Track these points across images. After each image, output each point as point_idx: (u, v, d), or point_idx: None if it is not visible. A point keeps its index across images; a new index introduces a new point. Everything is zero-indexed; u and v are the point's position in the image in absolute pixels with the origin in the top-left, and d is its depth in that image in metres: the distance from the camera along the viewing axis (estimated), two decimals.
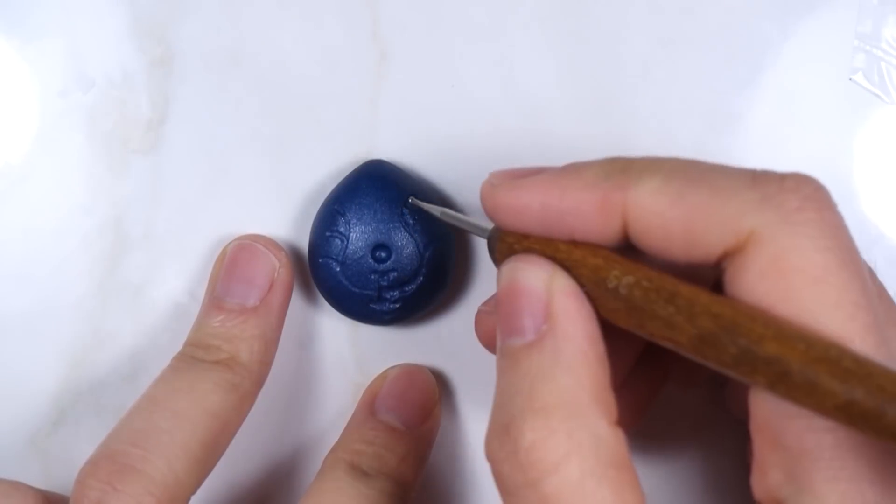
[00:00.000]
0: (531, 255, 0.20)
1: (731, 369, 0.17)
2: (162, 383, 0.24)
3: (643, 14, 0.28)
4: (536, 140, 0.28)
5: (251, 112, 0.28)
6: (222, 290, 0.26)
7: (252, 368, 0.25)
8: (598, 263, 0.19)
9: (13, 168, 0.28)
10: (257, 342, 0.25)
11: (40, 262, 0.28)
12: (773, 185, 0.17)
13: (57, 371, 0.29)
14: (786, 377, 0.16)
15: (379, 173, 0.27)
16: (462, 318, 0.29)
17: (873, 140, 0.28)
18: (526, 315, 0.19)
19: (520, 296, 0.19)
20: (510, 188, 0.20)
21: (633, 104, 0.28)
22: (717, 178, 0.18)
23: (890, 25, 0.28)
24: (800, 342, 0.16)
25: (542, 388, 0.18)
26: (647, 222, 0.18)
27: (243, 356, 0.25)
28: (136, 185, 0.28)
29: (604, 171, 0.19)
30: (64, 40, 0.28)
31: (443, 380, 0.29)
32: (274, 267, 0.26)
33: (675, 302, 0.18)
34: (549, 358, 0.18)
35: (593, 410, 0.18)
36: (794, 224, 0.17)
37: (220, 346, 0.25)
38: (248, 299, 0.26)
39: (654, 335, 0.18)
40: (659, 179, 0.18)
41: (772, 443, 0.18)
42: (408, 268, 0.26)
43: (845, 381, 0.15)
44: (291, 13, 0.28)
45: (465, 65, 0.28)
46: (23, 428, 0.29)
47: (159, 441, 0.22)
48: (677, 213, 0.18)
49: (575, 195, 0.19)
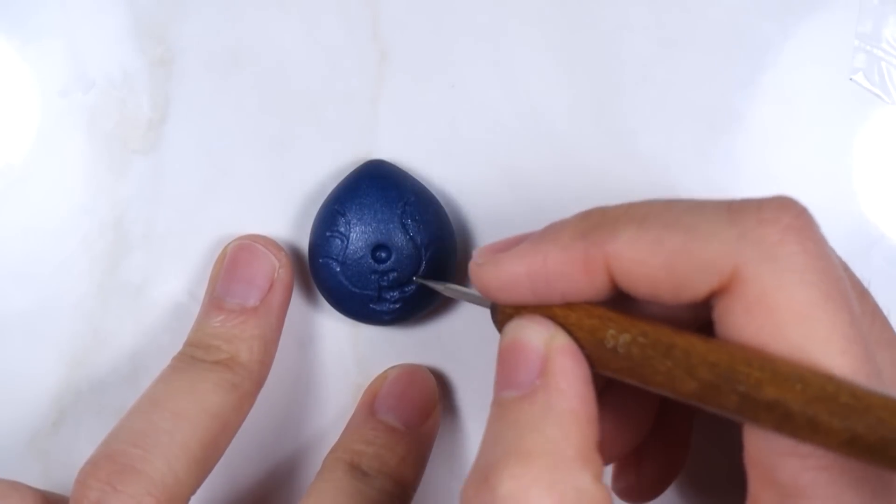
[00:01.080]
0: (534, 315, 0.20)
1: (736, 415, 0.17)
2: (162, 383, 0.24)
3: (643, 14, 0.28)
4: (536, 140, 0.28)
5: (251, 112, 0.28)
6: (222, 290, 0.26)
7: (252, 368, 0.25)
8: (594, 324, 0.19)
9: (13, 168, 0.28)
10: (257, 342, 0.25)
11: (40, 262, 0.28)
12: (750, 218, 0.17)
13: (57, 371, 0.29)
14: (788, 419, 0.16)
15: (379, 173, 0.27)
16: (462, 318, 0.29)
17: (873, 140, 0.28)
18: (522, 370, 0.19)
19: (518, 352, 0.19)
20: (495, 264, 0.20)
21: (633, 104, 0.28)
22: (693, 220, 0.18)
23: (890, 25, 0.28)
24: (796, 383, 0.16)
25: (527, 437, 0.18)
26: (630, 273, 0.18)
27: (243, 356, 0.25)
28: (137, 185, 0.28)
29: (579, 229, 0.19)
30: (64, 40, 0.28)
31: (443, 380, 0.29)
32: (274, 267, 0.26)
33: (672, 355, 0.18)
34: (539, 410, 0.18)
35: (578, 464, 0.17)
36: (775, 260, 0.17)
37: (220, 346, 0.25)
38: (248, 299, 0.26)
39: (658, 388, 0.18)
40: (634, 229, 0.18)
41: (766, 478, 0.17)
42: (408, 268, 0.26)
43: (845, 417, 0.16)
44: (291, 13, 0.28)
45: (465, 65, 0.28)
46: (23, 428, 0.29)
47: (159, 441, 0.22)
48: (658, 261, 0.18)
49: (556, 259, 0.19)
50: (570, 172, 0.28)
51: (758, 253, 0.17)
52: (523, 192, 0.28)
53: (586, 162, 0.28)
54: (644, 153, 0.28)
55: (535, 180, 0.28)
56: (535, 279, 0.19)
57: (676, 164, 0.28)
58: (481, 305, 0.23)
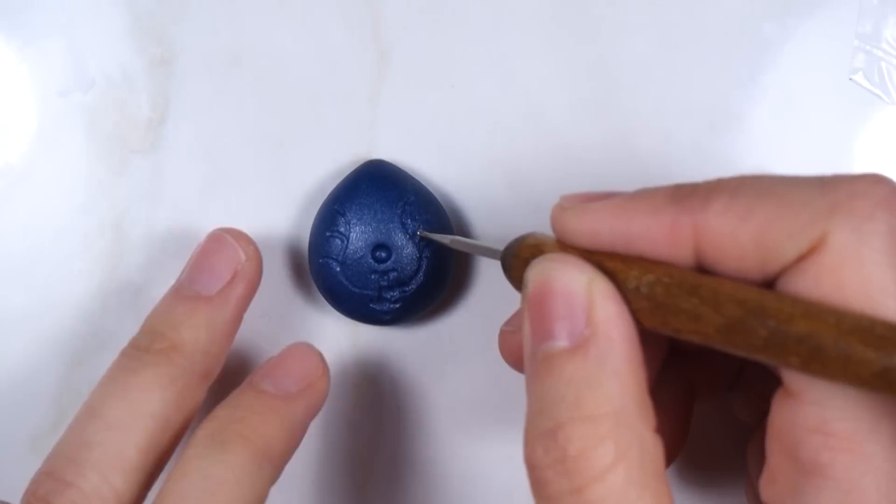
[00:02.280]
0: (567, 256, 0.19)
1: (762, 353, 0.17)
2: (99, 389, 0.24)
3: (643, 14, 0.28)
4: (536, 140, 0.28)
5: (251, 112, 0.28)
6: (184, 279, 0.25)
7: (195, 359, 0.24)
8: (615, 266, 0.19)
9: (13, 168, 0.28)
10: (203, 331, 0.24)
11: (40, 262, 0.28)
12: (843, 190, 0.17)
13: (57, 371, 0.29)
14: (819, 353, 0.16)
15: (379, 173, 0.27)
16: (462, 318, 0.29)
17: (873, 140, 0.28)
18: (566, 318, 0.18)
19: (557, 298, 0.19)
20: (581, 211, 0.20)
21: (633, 104, 0.28)
22: (784, 190, 0.18)
23: (890, 25, 0.28)
24: (830, 316, 0.16)
25: (589, 396, 0.17)
26: (718, 243, 0.18)
27: (187, 345, 0.24)
28: (136, 185, 0.28)
29: (671, 195, 0.19)
30: (64, 40, 0.28)
31: (442, 380, 0.29)
32: (239, 259, 0.25)
33: (699, 293, 0.17)
34: (594, 364, 0.18)
35: (639, 418, 0.18)
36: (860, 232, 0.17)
37: (165, 332, 0.24)
38: (206, 288, 0.25)
39: (679, 330, 0.18)
40: (725, 198, 0.18)
41: (787, 452, 0.18)
42: (408, 268, 0.26)
43: (880, 347, 0.15)
44: (291, 13, 0.28)
45: (465, 65, 0.28)
46: (23, 428, 0.29)
47: (91, 455, 0.22)
48: (748, 230, 0.17)
49: (644, 221, 0.19)
50: (570, 172, 0.28)
51: (847, 223, 0.17)
52: (523, 192, 0.28)
53: (586, 162, 0.28)
54: (644, 153, 0.28)
55: (535, 180, 0.28)
56: (618, 235, 0.19)
57: (676, 164, 0.28)
58: (490, 257, 0.23)
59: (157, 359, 0.24)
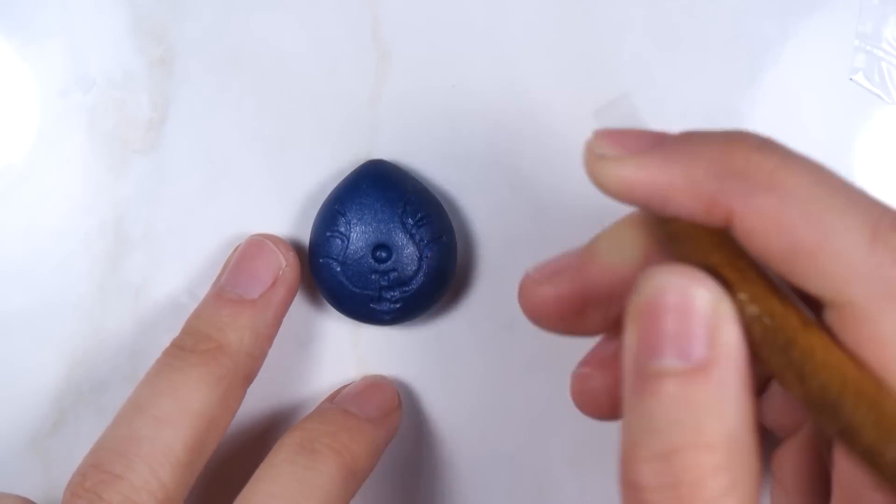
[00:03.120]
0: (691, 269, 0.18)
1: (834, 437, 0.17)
2: (145, 386, 0.24)
3: (643, 14, 0.28)
4: (536, 140, 0.28)
5: (251, 112, 0.28)
6: (225, 281, 0.26)
7: (239, 360, 0.25)
8: (730, 277, 0.18)
9: (13, 168, 0.28)
10: (248, 333, 0.25)
11: (40, 262, 0.28)
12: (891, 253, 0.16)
13: (57, 371, 0.29)
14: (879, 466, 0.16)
15: (379, 173, 0.27)
16: (462, 319, 0.29)
17: (874, 140, 0.28)
18: (686, 337, 0.17)
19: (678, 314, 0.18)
20: (619, 162, 0.19)
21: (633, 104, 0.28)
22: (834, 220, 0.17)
23: (891, 25, 0.28)
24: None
25: (710, 423, 0.17)
26: (750, 238, 0.17)
27: (232, 346, 0.25)
28: (137, 184, 0.28)
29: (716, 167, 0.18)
30: (64, 40, 0.28)
31: (442, 380, 0.29)
32: (280, 265, 0.26)
33: (789, 353, 0.17)
34: (714, 390, 0.17)
35: (751, 448, 0.17)
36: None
37: (211, 334, 0.25)
38: (248, 292, 0.26)
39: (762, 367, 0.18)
40: (773, 201, 0.17)
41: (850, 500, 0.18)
42: (408, 268, 0.26)
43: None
44: (291, 13, 0.28)
45: (466, 65, 0.28)
46: (23, 428, 0.29)
47: (140, 449, 0.22)
48: (781, 245, 0.17)
49: (682, 189, 0.18)
50: (570, 172, 0.28)
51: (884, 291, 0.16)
52: (523, 192, 0.28)
53: None
54: None
55: (535, 180, 0.28)
56: (654, 194, 0.18)
57: None
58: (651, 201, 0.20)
59: (204, 359, 0.24)
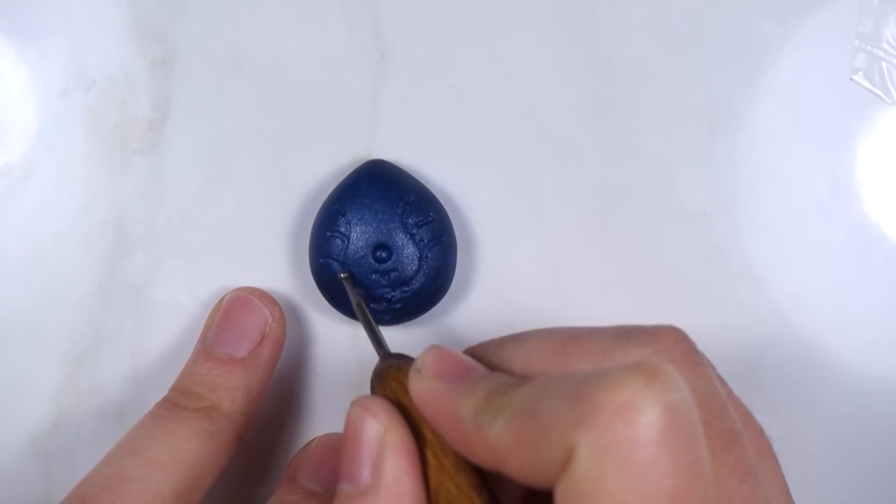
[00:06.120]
0: (377, 401, 0.20)
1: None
2: (139, 430, 0.24)
3: (643, 14, 0.28)
4: (536, 140, 0.28)
5: (251, 112, 0.28)
6: (213, 340, 0.26)
7: (232, 419, 0.25)
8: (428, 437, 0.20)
9: (13, 168, 0.28)
10: (241, 393, 0.25)
11: (40, 262, 0.28)
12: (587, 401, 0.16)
13: (57, 371, 0.29)
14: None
15: (379, 173, 0.27)
16: (462, 319, 0.29)
17: (873, 140, 0.28)
18: (356, 464, 0.19)
19: (354, 442, 0.19)
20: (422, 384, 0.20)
21: (633, 104, 0.28)
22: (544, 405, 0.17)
23: (890, 25, 0.28)
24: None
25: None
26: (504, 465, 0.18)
27: (225, 405, 0.25)
28: (137, 184, 0.28)
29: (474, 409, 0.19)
30: (64, 40, 0.28)
31: None
32: (266, 321, 0.27)
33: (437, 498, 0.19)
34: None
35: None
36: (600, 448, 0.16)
37: (203, 393, 0.25)
38: (237, 350, 0.26)
39: None
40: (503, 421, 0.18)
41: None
42: (408, 268, 0.26)
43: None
44: (291, 13, 0.28)
45: (466, 65, 0.28)
46: (23, 428, 0.29)
47: (130, 488, 0.22)
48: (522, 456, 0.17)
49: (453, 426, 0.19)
50: (570, 172, 0.28)
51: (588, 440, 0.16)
52: (523, 192, 0.28)
53: (586, 162, 0.28)
54: (644, 153, 0.28)
55: (535, 180, 0.28)
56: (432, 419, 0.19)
57: (676, 164, 0.28)
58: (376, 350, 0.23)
59: (199, 415, 0.25)
